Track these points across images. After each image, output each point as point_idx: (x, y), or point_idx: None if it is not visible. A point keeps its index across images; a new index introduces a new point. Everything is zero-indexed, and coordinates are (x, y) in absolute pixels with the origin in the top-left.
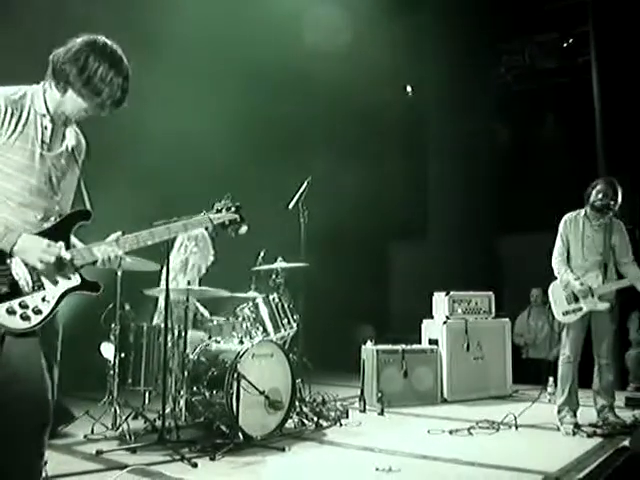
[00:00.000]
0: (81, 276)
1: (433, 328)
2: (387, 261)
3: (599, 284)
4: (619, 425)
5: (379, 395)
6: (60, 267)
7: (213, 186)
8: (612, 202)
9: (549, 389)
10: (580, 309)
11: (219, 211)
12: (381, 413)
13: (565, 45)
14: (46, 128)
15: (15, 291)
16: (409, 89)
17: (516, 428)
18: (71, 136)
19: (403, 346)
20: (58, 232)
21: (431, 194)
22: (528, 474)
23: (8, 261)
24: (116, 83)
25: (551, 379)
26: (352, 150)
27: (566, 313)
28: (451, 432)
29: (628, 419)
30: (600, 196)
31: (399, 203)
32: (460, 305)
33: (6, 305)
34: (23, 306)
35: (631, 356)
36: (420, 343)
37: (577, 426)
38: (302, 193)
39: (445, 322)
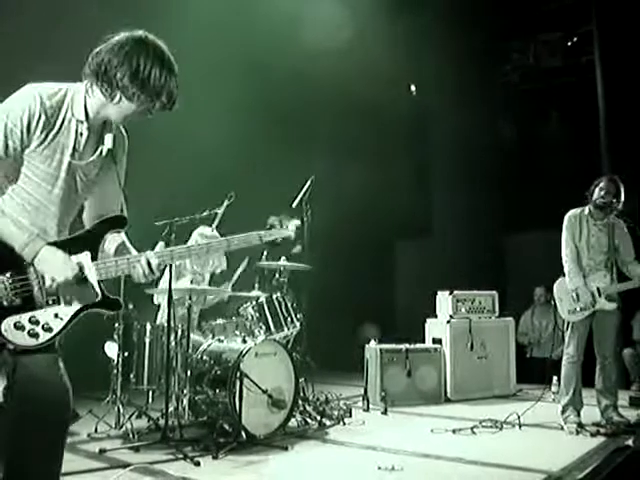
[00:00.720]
0: (102, 292)
1: (437, 327)
2: (391, 260)
3: (607, 284)
4: (623, 424)
5: (382, 394)
6: (79, 282)
7: (215, 184)
8: (614, 200)
9: (553, 388)
10: (587, 308)
11: (272, 227)
12: (384, 412)
13: (569, 44)
14: (81, 134)
15: (28, 304)
16: (413, 88)
17: (519, 427)
18: (108, 139)
19: (407, 345)
20: (86, 241)
21: (435, 193)
22: (531, 473)
23: (27, 271)
24: (170, 84)
25: (555, 378)
26: (356, 148)
27: (573, 312)
28: (454, 431)
29: (632, 418)
30: (602, 194)
31: (403, 202)
32: (464, 304)
33: (15, 319)
34: (33, 322)
35: (628, 355)
36: (424, 342)
37: (581, 425)
38: (305, 192)
39: (449, 321)
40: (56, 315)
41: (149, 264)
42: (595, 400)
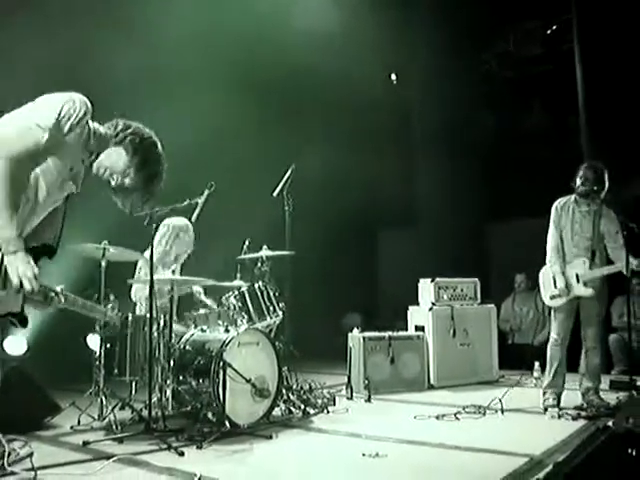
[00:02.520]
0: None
1: (419, 315)
2: (374, 248)
3: (585, 270)
4: (603, 407)
5: (366, 382)
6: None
7: (196, 172)
8: (595, 187)
9: (535, 374)
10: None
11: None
12: (368, 400)
13: (549, 32)
14: (82, 162)
15: None
16: (394, 77)
17: (502, 412)
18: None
19: (390, 333)
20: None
21: (418, 182)
22: (514, 457)
23: None
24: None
25: (537, 364)
26: (339, 138)
27: (552, 297)
28: (438, 417)
29: (612, 401)
30: (582, 181)
31: (386, 191)
32: (446, 292)
33: None
34: None
35: (612, 340)
36: (406, 330)
37: (559, 409)
38: (287, 180)
39: (431, 309)
40: None
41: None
42: (577, 384)
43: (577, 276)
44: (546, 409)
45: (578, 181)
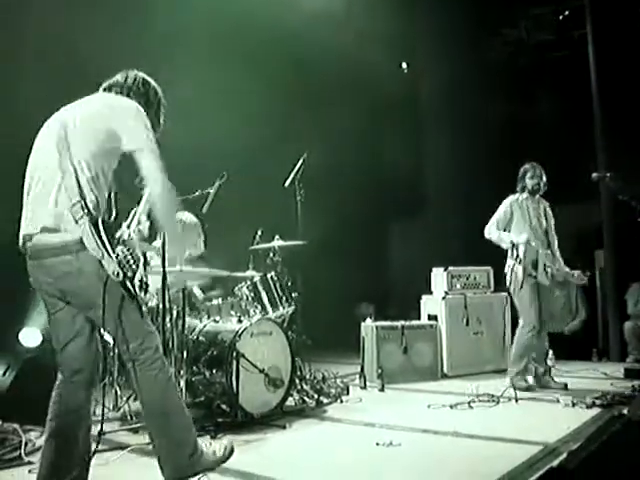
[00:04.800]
0: None
1: (432, 304)
2: (386, 237)
3: (550, 262)
4: (618, 395)
5: (379, 371)
6: None
7: (208, 162)
8: (542, 182)
9: (549, 362)
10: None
11: None
12: (381, 389)
13: (561, 18)
14: None
15: None
16: (405, 65)
17: (516, 401)
18: None
19: (402, 322)
20: None
21: (429, 170)
22: (528, 445)
23: None
24: None
25: (551, 352)
26: (350, 127)
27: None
28: (451, 406)
29: (627, 390)
30: (535, 179)
31: (398, 180)
32: (459, 280)
33: None
34: None
35: (628, 328)
36: (419, 319)
37: (530, 388)
38: (298, 170)
39: (444, 297)
40: None
41: None
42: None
43: (545, 265)
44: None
45: (528, 179)
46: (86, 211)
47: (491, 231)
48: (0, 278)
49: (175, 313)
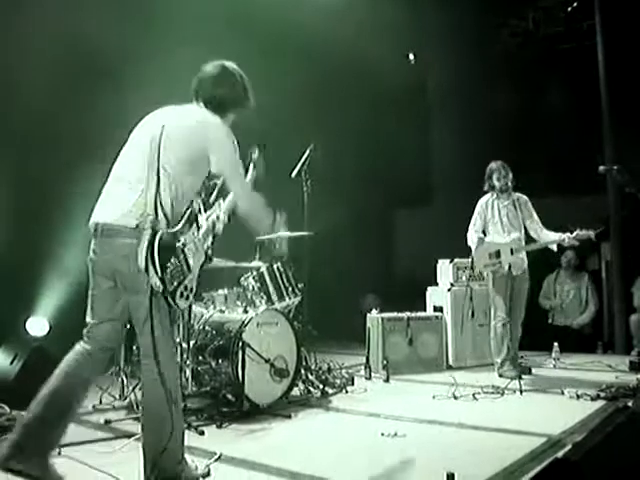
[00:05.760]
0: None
1: (438, 295)
2: (392, 228)
3: (519, 245)
4: (622, 388)
5: (384, 362)
6: None
7: None
8: (509, 180)
9: (554, 354)
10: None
11: None
12: (387, 380)
13: (569, 9)
14: None
15: None
16: (412, 57)
17: (520, 393)
18: None
19: (408, 314)
20: None
21: (435, 161)
22: (532, 437)
23: None
24: None
25: (556, 344)
26: (356, 118)
27: (486, 265)
28: (456, 398)
29: (631, 382)
30: (500, 178)
31: (403, 170)
32: (464, 272)
33: None
34: None
35: (634, 321)
36: (425, 310)
37: (520, 376)
38: (305, 161)
39: (450, 289)
40: None
41: None
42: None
43: (511, 250)
44: (520, 376)
45: (495, 180)
46: (151, 225)
47: (472, 238)
48: (7, 268)
49: None
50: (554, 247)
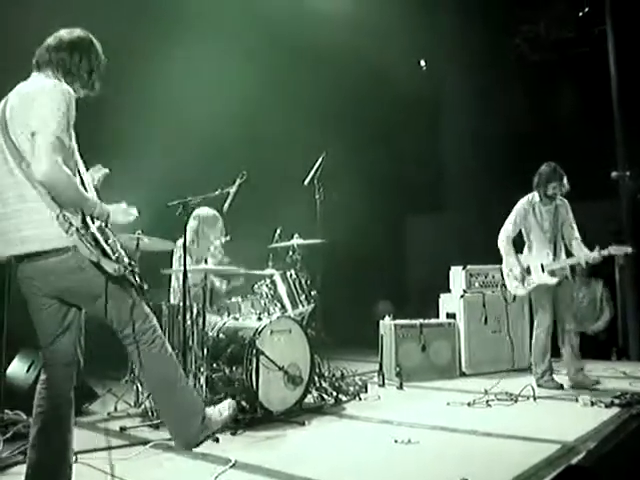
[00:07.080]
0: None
1: (451, 302)
2: (405, 235)
3: (550, 261)
4: (637, 395)
5: (398, 369)
6: None
7: (227, 162)
8: (564, 188)
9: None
10: (530, 283)
11: None
12: (400, 387)
13: (580, 14)
14: None
15: None
16: (423, 63)
17: (534, 400)
18: None
19: (421, 320)
20: None
21: (448, 167)
22: (546, 444)
23: None
24: None
25: None
26: (368, 125)
27: (516, 287)
28: (469, 404)
29: None
30: (553, 186)
31: (416, 177)
32: (477, 279)
33: None
34: None
35: None
36: (438, 317)
37: (562, 387)
38: (318, 169)
39: (462, 296)
40: None
41: None
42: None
43: (542, 266)
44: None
45: (551, 189)
46: (70, 222)
47: (503, 240)
48: None
49: (195, 311)
50: (583, 262)
